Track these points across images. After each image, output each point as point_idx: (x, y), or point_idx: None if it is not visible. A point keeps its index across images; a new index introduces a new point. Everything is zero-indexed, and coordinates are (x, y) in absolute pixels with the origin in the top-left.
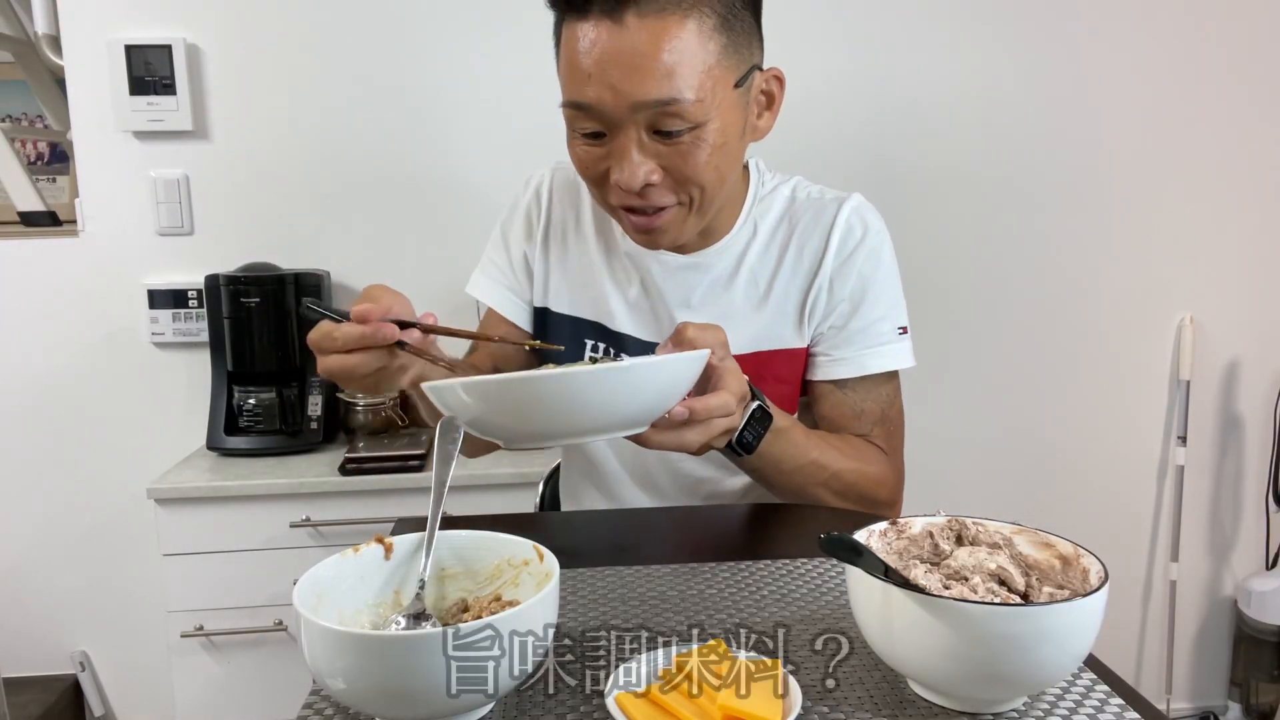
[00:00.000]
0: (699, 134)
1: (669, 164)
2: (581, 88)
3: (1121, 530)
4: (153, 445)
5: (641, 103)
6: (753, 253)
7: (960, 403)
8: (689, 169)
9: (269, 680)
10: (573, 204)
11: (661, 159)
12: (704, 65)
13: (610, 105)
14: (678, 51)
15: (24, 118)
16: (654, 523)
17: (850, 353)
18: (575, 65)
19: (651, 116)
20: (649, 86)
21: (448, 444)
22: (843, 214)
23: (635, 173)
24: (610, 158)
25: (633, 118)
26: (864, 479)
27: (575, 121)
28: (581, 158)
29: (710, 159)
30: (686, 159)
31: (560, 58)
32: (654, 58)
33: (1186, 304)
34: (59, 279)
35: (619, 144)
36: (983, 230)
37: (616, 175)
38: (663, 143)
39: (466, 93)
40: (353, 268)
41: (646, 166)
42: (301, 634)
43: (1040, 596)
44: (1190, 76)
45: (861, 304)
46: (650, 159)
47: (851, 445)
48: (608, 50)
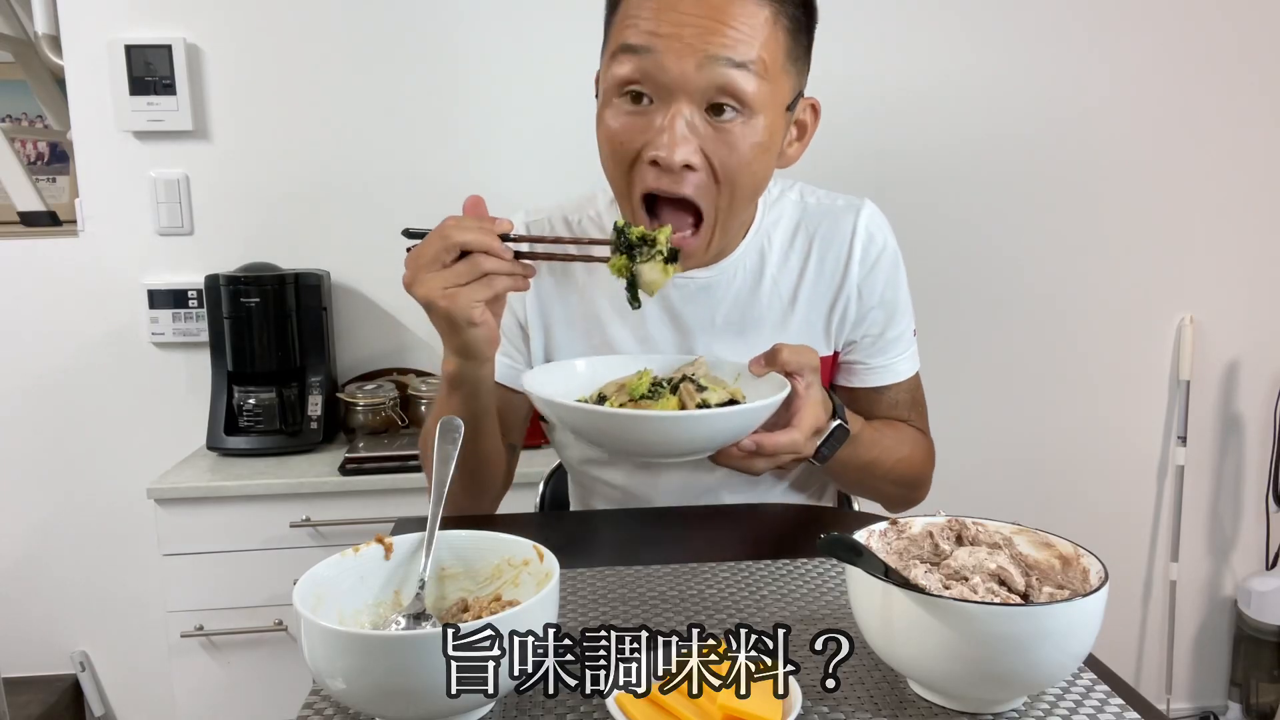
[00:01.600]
0: (750, 124)
1: (712, 150)
2: (649, 30)
3: (1121, 530)
4: (153, 445)
5: (713, 56)
6: (772, 263)
7: (960, 402)
8: (732, 160)
9: (269, 680)
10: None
11: (706, 144)
12: (771, 54)
13: (678, 55)
14: (753, 28)
15: (24, 118)
16: (654, 523)
17: (886, 360)
18: (639, 11)
19: (710, 88)
20: (724, 40)
21: (448, 444)
22: (861, 222)
23: (678, 146)
24: (650, 132)
25: (695, 79)
26: (913, 465)
27: (623, 79)
28: (618, 130)
29: (753, 158)
30: (733, 148)
31: (619, 13)
32: (730, 21)
33: (1186, 304)
34: (59, 279)
35: (667, 115)
36: (982, 230)
37: (656, 150)
38: (712, 124)
39: (466, 92)
40: (353, 268)
41: (690, 145)
42: (301, 634)
43: (1040, 596)
44: (1191, 76)
45: (895, 313)
46: (694, 140)
47: (899, 432)
48: (684, 9)
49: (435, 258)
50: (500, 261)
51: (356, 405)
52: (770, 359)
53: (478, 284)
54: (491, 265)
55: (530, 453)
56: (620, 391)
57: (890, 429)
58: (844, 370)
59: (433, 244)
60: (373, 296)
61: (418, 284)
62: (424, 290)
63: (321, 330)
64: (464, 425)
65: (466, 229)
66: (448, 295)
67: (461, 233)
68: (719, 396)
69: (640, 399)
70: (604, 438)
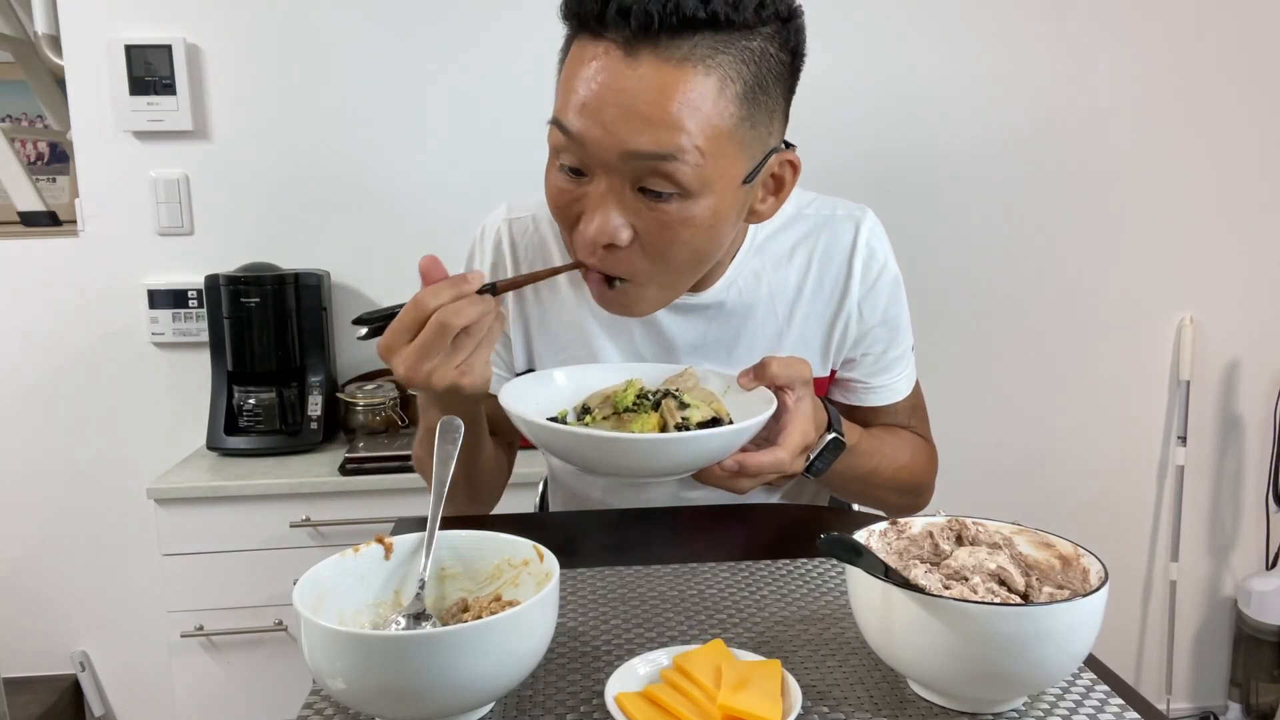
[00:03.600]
0: (687, 206)
1: (643, 229)
2: (572, 115)
3: (1121, 530)
4: (153, 445)
5: (632, 152)
6: (767, 280)
7: (960, 403)
8: (662, 242)
9: (269, 680)
10: (541, 256)
11: (639, 221)
12: (714, 131)
13: (597, 145)
14: (690, 106)
15: (24, 118)
16: (654, 523)
17: (888, 379)
18: (572, 88)
19: (639, 171)
20: (645, 136)
21: (448, 444)
22: (862, 237)
23: (603, 228)
24: (584, 201)
25: (619, 166)
26: (914, 472)
27: (557, 148)
28: (555, 193)
29: (691, 238)
30: (664, 230)
31: (563, 70)
32: (661, 106)
33: (1186, 304)
34: (59, 279)
35: (597, 190)
36: (982, 230)
37: (583, 224)
38: (645, 204)
39: (468, 92)
40: (353, 268)
41: (617, 223)
42: (301, 634)
43: (1040, 596)
44: (1190, 76)
45: (897, 332)
46: (626, 216)
47: (899, 439)
48: (611, 84)
49: (434, 345)
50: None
51: (356, 405)
52: (759, 373)
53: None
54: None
55: (530, 453)
56: (605, 403)
57: (890, 435)
58: (842, 388)
59: (430, 334)
60: (373, 296)
61: (418, 379)
62: (436, 379)
63: (321, 330)
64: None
65: (459, 311)
66: (463, 373)
67: (457, 316)
68: (702, 414)
69: (625, 412)
70: (579, 458)
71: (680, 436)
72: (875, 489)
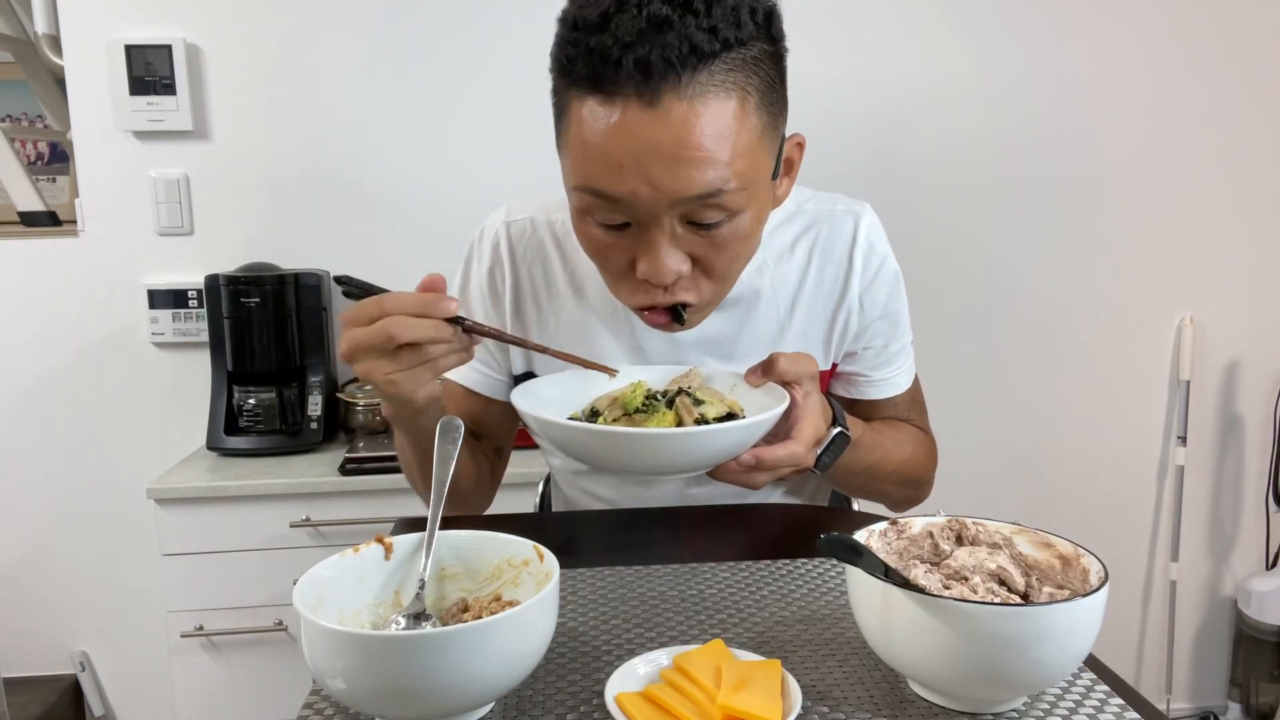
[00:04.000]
0: (736, 224)
1: (699, 254)
2: (610, 179)
3: (1121, 530)
4: (153, 445)
5: (684, 199)
6: (769, 273)
7: (960, 403)
8: (720, 262)
9: (269, 680)
10: (539, 259)
11: (693, 249)
12: (746, 149)
13: (647, 200)
14: (722, 135)
15: (24, 118)
16: (654, 523)
17: (889, 373)
18: (603, 153)
19: (688, 210)
20: (693, 180)
21: (448, 444)
22: (862, 231)
23: (666, 268)
24: (635, 249)
25: (669, 211)
26: (916, 465)
27: (596, 211)
28: (597, 247)
29: (742, 250)
30: (720, 251)
31: (571, 135)
32: (699, 145)
33: (1186, 304)
34: (59, 279)
35: (649, 237)
36: (982, 230)
37: (645, 269)
38: (696, 233)
39: (467, 91)
40: (353, 268)
41: (676, 259)
42: (301, 634)
43: (1040, 596)
44: (1190, 76)
45: (898, 326)
46: (681, 249)
47: (901, 433)
48: (644, 139)
49: (375, 345)
50: (444, 346)
51: (356, 405)
52: (767, 369)
53: (422, 368)
54: (435, 351)
55: (531, 453)
56: (613, 405)
57: (891, 429)
58: (844, 381)
59: (373, 336)
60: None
61: (356, 362)
62: (363, 371)
63: (321, 330)
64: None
65: (411, 326)
66: (389, 380)
67: (406, 330)
68: (716, 410)
69: (635, 413)
70: (598, 457)
71: (702, 430)
72: (878, 482)
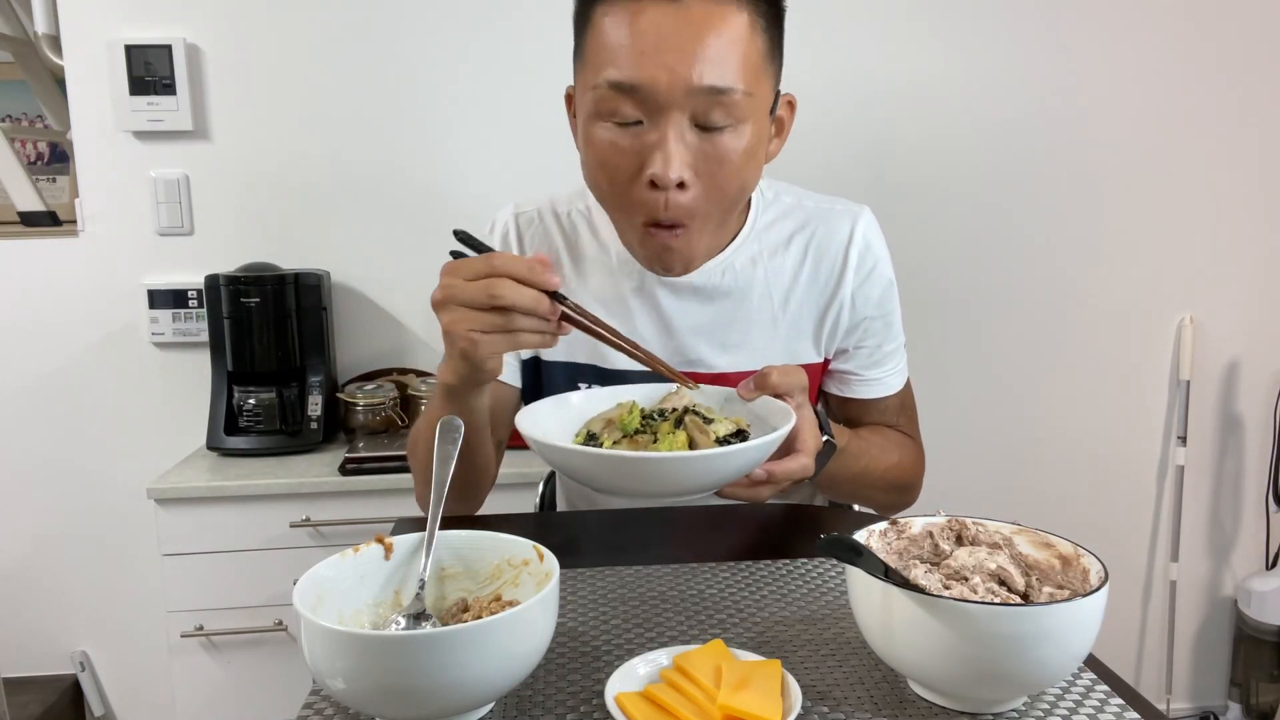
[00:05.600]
0: (738, 136)
1: (704, 164)
2: (631, 67)
3: (1121, 530)
4: (153, 445)
5: (698, 87)
6: (764, 264)
7: (960, 403)
8: (721, 175)
9: (269, 680)
10: (545, 246)
11: (697, 157)
12: (753, 65)
13: (665, 87)
14: (734, 40)
15: (24, 118)
16: (654, 523)
17: (882, 373)
18: (625, 44)
19: (700, 104)
20: (708, 71)
21: (448, 444)
22: (859, 230)
23: (674, 163)
24: (644, 151)
25: (682, 104)
26: (903, 471)
27: (613, 106)
28: (609, 151)
29: (741, 168)
30: (723, 160)
31: (591, 41)
32: (713, 42)
33: (1186, 304)
34: (59, 279)
35: (659, 133)
36: (982, 231)
37: (654, 168)
38: (701, 139)
39: (467, 92)
40: (353, 268)
41: (684, 159)
42: (301, 634)
43: (1040, 596)
44: (1190, 76)
45: (891, 327)
46: (688, 155)
47: (887, 439)
48: (666, 29)
49: (472, 300)
50: (536, 321)
51: (356, 405)
52: (760, 383)
53: (504, 336)
54: (527, 324)
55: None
56: (610, 427)
57: (877, 436)
58: (836, 379)
59: (475, 290)
60: (373, 296)
61: (445, 312)
62: (449, 322)
63: (321, 330)
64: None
65: (515, 291)
66: (471, 338)
67: (509, 292)
68: (725, 427)
69: (635, 434)
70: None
71: (726, 451)
72: (865, 488)
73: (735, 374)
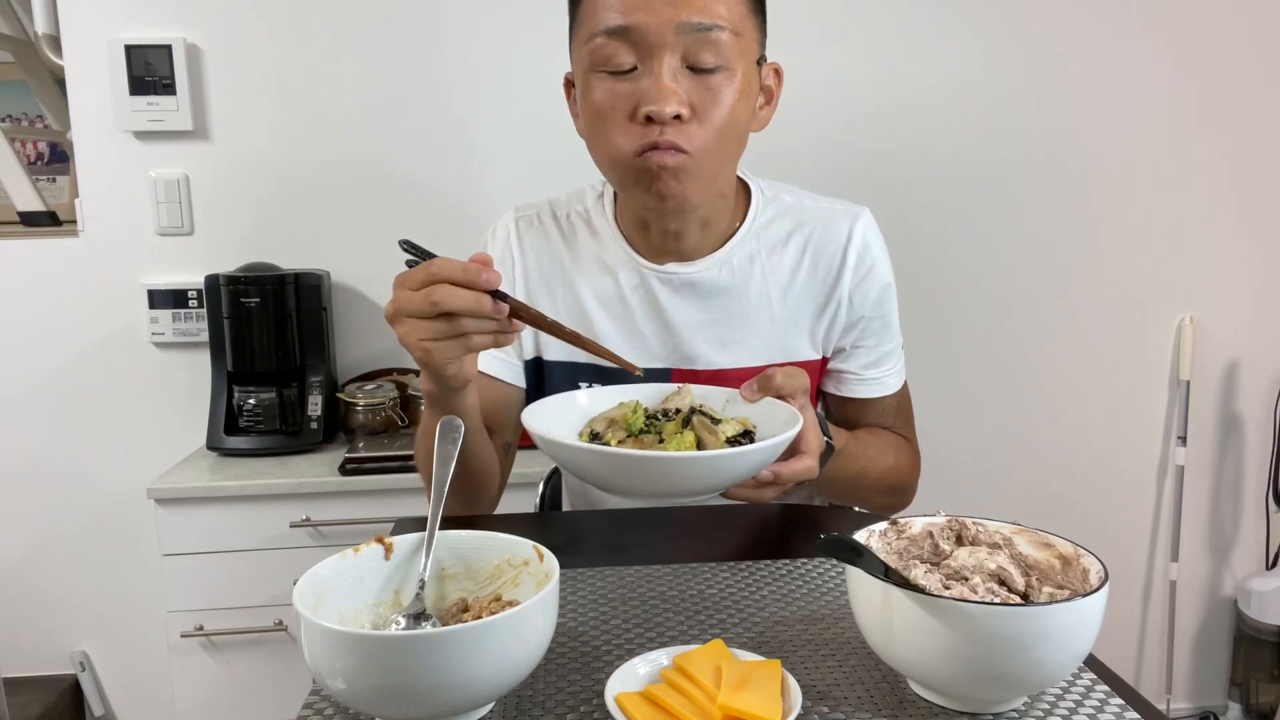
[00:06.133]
0: (729, 78)
1: (698, 100)
2: (624, 12)
3: (1121, 530)
4: (153, 445)
5: (685, 23)
6: (762, 260)
7: (960, 403)
8: (716, 110)
9: (269, 680)
10: (545, 246)
11: (692, 94)
12: (739, 12)
13: (655, 26)
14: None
15: (24, 118)
16: (654, 523)
17: (880, 373)
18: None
19: (691, 43)
20: (694, 7)
21: (448, 444)
22: (858, 230)
23: (668, 96)
24: (639, 95)
25: (672, 42)
26: (899, 473)
27: (607, 54)
28: (607, 97)
29: (734, 106)
30: (716, 98)
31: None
32: None
33: (1186, 304)
34: (59, 279)
35: (654, 71)
36: (983, 230)
37: (649, 105)
38: (694, 79)
39: (467, 91)
40: (353, 268)
41: (677, 95)
42: (301, 634)
43: (1040, 596)
44: (1190, 76)
45: (889, 328)
46: (682, 91)
47: (884, 441)
48: None
49: (417, 310)
50: (483, 322)
51: (356, 405)
52: (764, 385)
53: (454, 342)
54: (473, 326)
55: (530, 453)
56: (614, 427)
57: (874, 438)
58: (834, 378)
59: (419, 300)
60: (373, 296)
61: (398, 324)
62: (403, 334)
63: (321, 330)
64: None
65: (453, 296)
66: (423, 348)
67: (448, 299)
68: (732, 428)
69: (639, 434)
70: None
71: (736, 451)
72: (862, 490)
73: (733, 370)
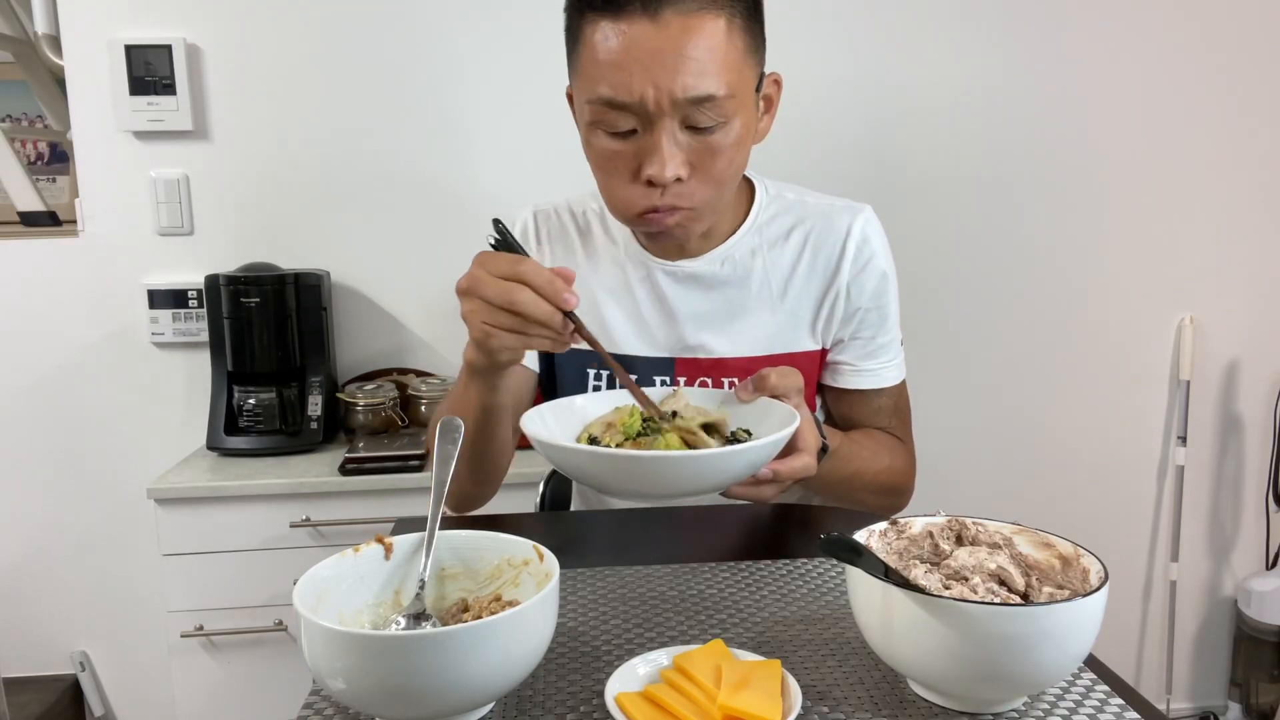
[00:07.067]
0: (727, 129)
1: (696, 159)
2: (622, 86)
3: (1121, 530)
4: (153, 445)
5: (684, 99)
6: (763, 254)
7: (960, 403)
8: (716, 165)
9: (269, 680)
10: (562, 240)
11: (690, 154)
12: (734, 62)
13: (652, 102)
14: (713, 49)
15: (24, 118)
16: (654, 523)
17: (875, 365)
18: (612, 62)
19: (689, 111)
20: (692, 82)
21: (448, 444)
22: (857, 224)
23: (669, 165)
24: (640, 155)
25: (671, 112)
26: (894, 474)
27: (607, 119)
28: (607, 156)
29: (733, 156)
30: (715, 154)
31: (583, 55)
32: (694, 54)
33: (1186, 304)
34: (59, 279)
35: (653, 139)
36: (983, 231)
37: (650, 170)
38: (693, 138)
39: (467, 92)
40: (353, 268)
41: (678, 160)
42: (301, 634)
43: (1040, 596)
44: (1190, 77)
45: (886, 320)
46: (681, 154)
47: (878, 442)
48: (649, 47)
49: (492, 298)
50: (548, 331)
51: (356, 405)
52: (759, 385)
53: (516, 336)
54: (537, 332)
55: (530, 453)
56: (611, 430)
57: (869, 439)
58: (831, 369)
59: (497, 290)
60: (373, 296)
61: (466, 300)
62: (467, 311)
63: (321, 330)
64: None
65: (534, 305)
66: (485, 330)
67: (528, 306)
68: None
69: (636, 437)
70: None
71: (733, 449)
72: (857, 491)
73: (735, 359)
